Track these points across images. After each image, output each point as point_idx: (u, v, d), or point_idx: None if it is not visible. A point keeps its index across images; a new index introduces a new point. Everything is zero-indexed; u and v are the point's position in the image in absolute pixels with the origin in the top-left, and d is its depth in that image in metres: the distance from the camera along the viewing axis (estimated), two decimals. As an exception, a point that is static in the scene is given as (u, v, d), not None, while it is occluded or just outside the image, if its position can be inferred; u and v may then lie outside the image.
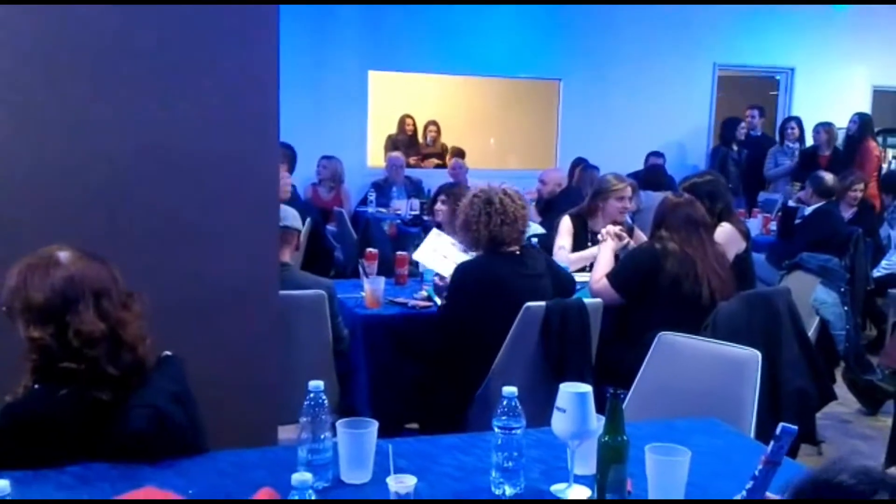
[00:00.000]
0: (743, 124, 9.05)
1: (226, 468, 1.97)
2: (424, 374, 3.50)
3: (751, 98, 9.77)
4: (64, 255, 2.03)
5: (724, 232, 4.14)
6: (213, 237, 2.69)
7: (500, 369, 3.17)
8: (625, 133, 8.94)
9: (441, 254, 3.99)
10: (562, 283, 3.53)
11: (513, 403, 1.86)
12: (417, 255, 4.11)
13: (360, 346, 3.66)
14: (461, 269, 3.38)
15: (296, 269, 3.62)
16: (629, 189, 4.55)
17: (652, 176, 7.51)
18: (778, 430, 1.61)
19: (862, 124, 8.27)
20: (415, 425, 3.71)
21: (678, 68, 9.30)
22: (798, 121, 8.76)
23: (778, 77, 10.17)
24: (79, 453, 1.92)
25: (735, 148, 8.96)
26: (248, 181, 2.71)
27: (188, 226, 2.67)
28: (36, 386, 1.95)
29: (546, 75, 9.13)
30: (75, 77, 2.55)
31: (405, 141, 9.60)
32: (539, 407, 2.14)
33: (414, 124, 9.81)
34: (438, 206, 4.84)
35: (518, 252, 3.39)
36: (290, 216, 3.55)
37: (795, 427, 1.62)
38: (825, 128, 8.27)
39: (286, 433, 3.08)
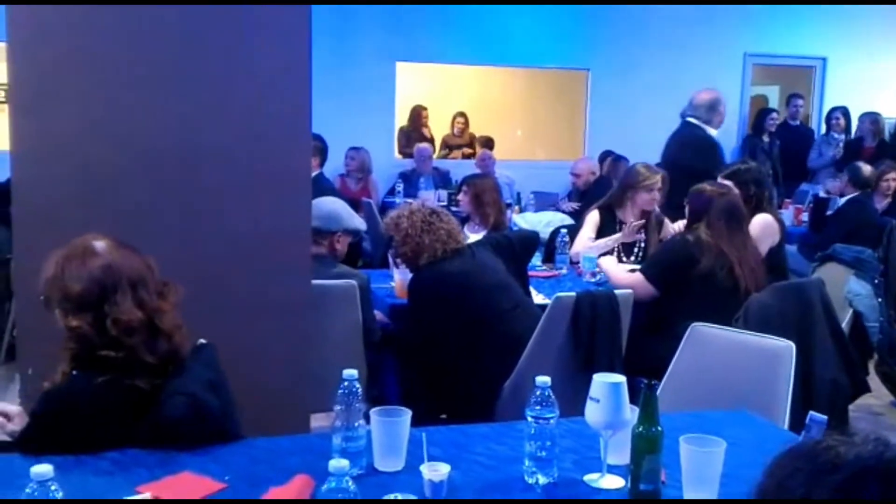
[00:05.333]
0: (774, 115, 8.94)
1: (260, 455, 1.99)
2: (453, 364, 3.51)
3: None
4: (100, 244, 2.05)
5: (762, 222, 4.09)
6: (245, 228, 2.72)
7: (529, 360, 3.17)
8: (654, 123, 8.85)
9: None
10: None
11: (546, 393, 1.86)
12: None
13: (390, 336, 3.67)
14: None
15: (334, 261, 3.63)
16: (659, 179, 4.51)
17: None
18: (808, 420, 1.60)
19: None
20: (441, 415, 3.72)
21: (708, 57, 9.20)
22: (844, 111, 8.62)
23: (811, 66, 10.04)
24: (116, 439, 1.95)
25: (766, 139, 8.86)
26: (280, 173, 2.73)
27: (221, 217, 2.70)
28: (74, 373, 1.99)
29: (574, 65, 9.08)
30: (114, 73, 2.58)
31: (420, 133, 9.53)
32: (568, 397, 2.13)
33: (427, 115, 9.68)
34: (461, 196, 4.85)
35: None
36: (316, 213, 3.61)
37: (825, 417, 1.61)
38: (871, 118, 8.14)
39: (317, 421, 3.12)
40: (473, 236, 4.40)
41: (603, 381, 1.85)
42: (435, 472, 1.77)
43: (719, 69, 9.30)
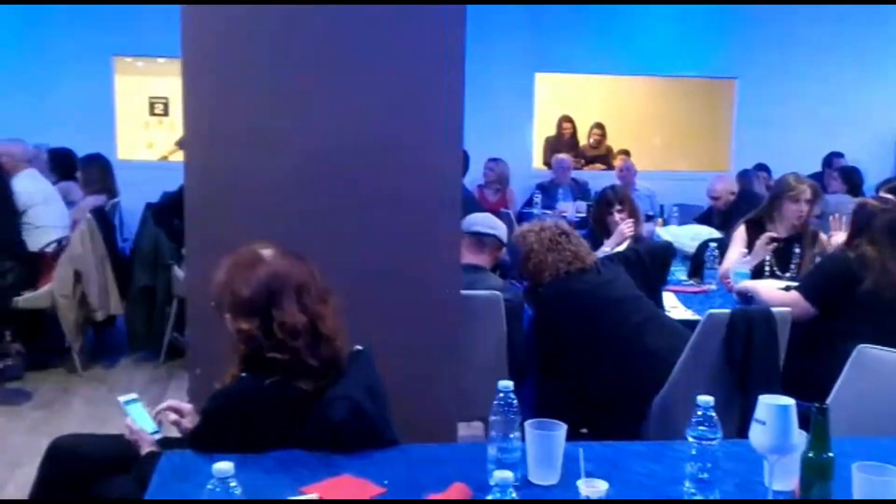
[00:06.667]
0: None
1: (416, 462, 2.02)
2: (590, 378, 3.46)
3: None
4: (267, 252, 2.15)
5: None
6: (398, 235, 2.77)
7: (680, 377, 3.09)
8: (807, 133, 8.51)
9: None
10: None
11: (709, 413, 1.81)
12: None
13: (531, 349, 3.66)
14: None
15: (490, 274, 3.67)
16: (808, 191, 4.30)
17: (846, 177, 7.09)
18: None
19: None
20: (582, 430, 3.68)
21: (864, 65, 8.74)
22: None
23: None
24: (280, 440, 2.03)
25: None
26: (432, 180, 2.77)
27: (375, 225, 2.77)
28: (243, 374, 2.08)
29: (720, 73, 8.81)
30: (279, 85, 2.69)
31: (567, 143, 9.52)
32: (722, 417, 2.06)
33: (573, 127, 9.70)
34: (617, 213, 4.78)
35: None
36: (490, 223, 3.65)
37: None
38: None
39: (463, 430, 3.15)
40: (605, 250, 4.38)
41: (770, 404, 1.78)
42: (593, 488, 1.74)
43: (875, 78, 8.82)
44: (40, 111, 7.24)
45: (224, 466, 1.51)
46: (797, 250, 4.25)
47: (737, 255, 4.32)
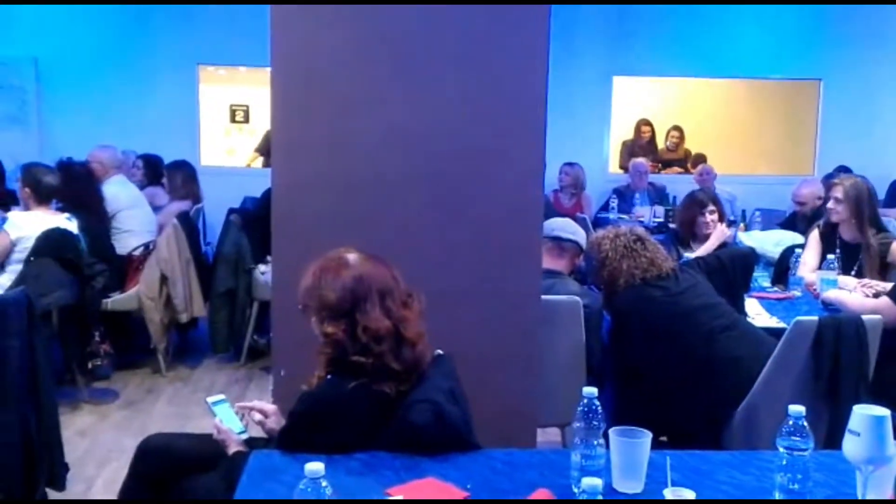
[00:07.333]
0: None
1: (499, 466, 2.02)
2: (669, 385, 3.41)
3: None
4: (352, 256, 2.19)
5: None
6: (480, 239, 2.77)
7: (765, 387, 3.02)
8: (891, 136, 8.23)
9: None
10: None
11: (800, 423, 1.77)
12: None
13: (609, 355, 3.63)
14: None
15: (569, 279, 3.66)
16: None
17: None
18: None
19: None
20: (661, 437, 3.62)
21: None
22: None
23: None
24: (364, 442, 2.06)
25: None
26: (514, 184, 2.76)
27: (457, 227, 2.77)
28: (329, 377, 2.12)
29: (804, 75, 8.58)
30: (366, 90, 2.72)
31: (644, 147, 9.40)
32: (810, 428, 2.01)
33: (652, 130, 9.58)
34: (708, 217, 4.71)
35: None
36: (571, 229, 3.66)
37: None
38: None
39: (539, 436, 3.13)
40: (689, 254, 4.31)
41: (865, 414, 1.73)
42: (680, 497, 1.72)
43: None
44: (130, 119, 7.49)
45: (315, 467, 1.54)
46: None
47: (812, 259, 4.23)
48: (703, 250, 4.45)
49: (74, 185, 4.98)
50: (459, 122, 2.72)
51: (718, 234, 4.61)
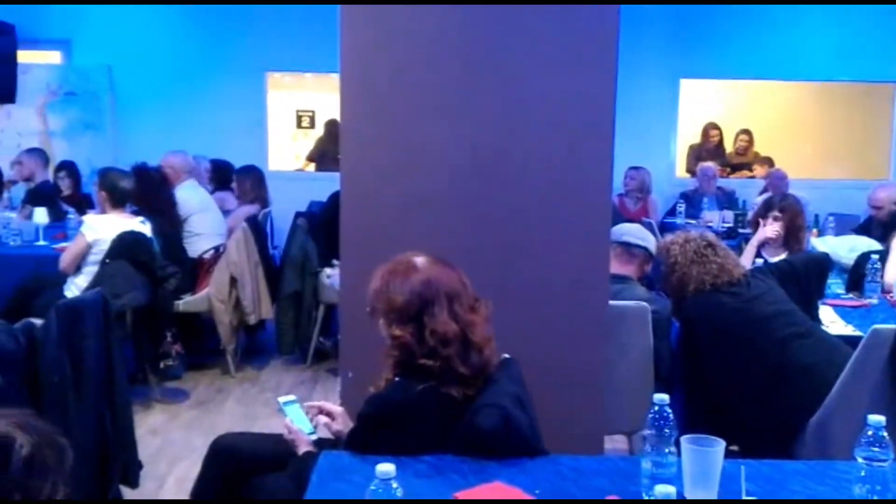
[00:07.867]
0: None
1: (567, 472, 2.01)
2: (740, 394, 3.35)
3: None
4: (420, 260, 2.20)
5: None
6: (548, 243, 2.77)
7: (840, 396, 2.94)
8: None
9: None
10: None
11: (880, 433, 1.72)
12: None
13: (678, 362, 3.57)
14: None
15: (637, 284, 3.63)
16: None
17: None
18: None
19: None
20: (731, 447, 3.55)
21: None
22: None
23: None
24: (431, 445, 2.06)
25: None
26: (582, 188, 2.75)
27: (526, 231, 2.77)
28: (397, 379, 2.13)
29: (877, 78, 8.34)
30: (433, 98, 2.74)
31: (711, 151, 9.24)
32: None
33: (720, 134, 9.41)
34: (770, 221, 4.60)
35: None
36: (640, 234, 3.65)
37: None
38: None
39: (606, 444, 3.10)
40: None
41: (950, 426, 1.68)
42: (753, 507, 1.69)
43: None
44: (201, 124, 7.67)
45: (387, 468, 1.55)
46: None
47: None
48: (767, 255, 4.34)
49: (148, 190, 5.11)
50: (528, 126, 2.72)
51: (759, 234, 4.46)
